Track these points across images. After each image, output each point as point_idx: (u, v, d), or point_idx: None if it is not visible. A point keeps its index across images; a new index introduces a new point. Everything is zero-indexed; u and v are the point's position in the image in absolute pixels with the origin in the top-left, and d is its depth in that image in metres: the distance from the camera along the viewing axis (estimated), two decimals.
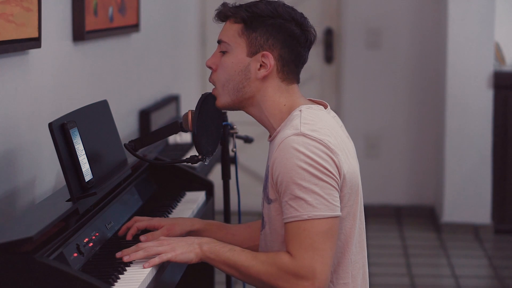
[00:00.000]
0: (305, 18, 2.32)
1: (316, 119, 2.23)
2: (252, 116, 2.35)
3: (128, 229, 2.55)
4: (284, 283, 2.15)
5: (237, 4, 2.32)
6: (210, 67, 2.33)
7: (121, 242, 2.50)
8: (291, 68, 2.30)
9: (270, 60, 2.26)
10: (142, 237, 2.43)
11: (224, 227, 2.56)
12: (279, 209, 2.23)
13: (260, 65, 2.27)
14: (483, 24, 5.64)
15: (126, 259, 2.27)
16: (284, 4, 2.31)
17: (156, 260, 2.24)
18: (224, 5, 2.33)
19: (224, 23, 2.33)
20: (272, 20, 2.26)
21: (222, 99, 2.32)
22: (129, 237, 2.52)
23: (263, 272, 2.17)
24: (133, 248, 2.29)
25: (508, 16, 6.00)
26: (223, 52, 2.31)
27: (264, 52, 2.26)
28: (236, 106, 2.33)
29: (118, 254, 2.30)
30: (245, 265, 2.18)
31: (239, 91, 2.29)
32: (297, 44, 2.28)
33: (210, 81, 2.36)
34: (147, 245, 2.27)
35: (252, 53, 2.27)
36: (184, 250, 2.24)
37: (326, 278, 2.14)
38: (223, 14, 2.32)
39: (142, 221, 2.55)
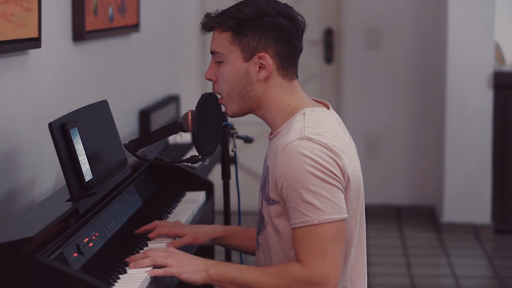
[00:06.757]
0: (290, 7, 2.30)
1: (319, 122, 2.22)
2: (259, 117, 2.34)
3: (147, 231, 2.55)
4: None
5: (220, 11, 2.29)
6: (210, 79, 2.32)
7: (121, 242, 2.50)
8: (289, 62, 2.28)
9: (268, 60, 2.25)
10: (169, 244, 2.43)
11: (244, 231, 2.55)
12: (281, 211, 2.22)
13: (259, 67, 2.26)
14: (483, 24, 5.64)
15: (132, 266, 2.25)
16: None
17: (161, 272, 2.22)
18: (207, 16, 2.30)
19: (211, 32, 2.31)
20: (259, 21, 2.24)
21: (231, 108, 2.32)
22: (152, 236, 2.52)
23: (273, 285, 2.15)
24: (140, 255, 2.28)
25: (508, 16, 6.00)
26: (219, 62, 2.29)
27: (260, 54, 2.25)
28: (245, 111, 2.32)
29: (127, 259, 2.30)
30: (254, 281, 2.16)
31: (244, 96, 2.28)
32: (289, 36, 2.27)
33: (214, 92, 2.36)
34: (155, 254, 2.26)
35: (248, 58, 2.26)
36: (190, 270, 2.21)
37: (338, 282, 2.14)
38: (209, 26, 2.30)
39: (164, 227, 2.55)
